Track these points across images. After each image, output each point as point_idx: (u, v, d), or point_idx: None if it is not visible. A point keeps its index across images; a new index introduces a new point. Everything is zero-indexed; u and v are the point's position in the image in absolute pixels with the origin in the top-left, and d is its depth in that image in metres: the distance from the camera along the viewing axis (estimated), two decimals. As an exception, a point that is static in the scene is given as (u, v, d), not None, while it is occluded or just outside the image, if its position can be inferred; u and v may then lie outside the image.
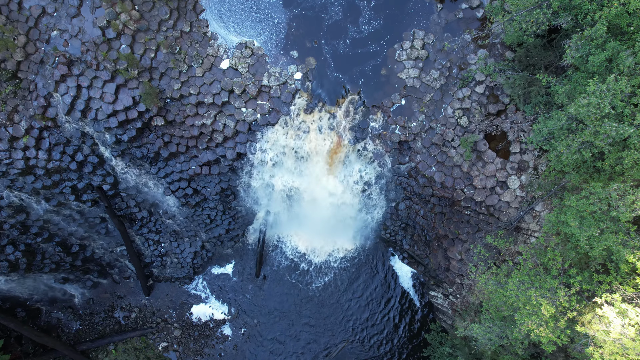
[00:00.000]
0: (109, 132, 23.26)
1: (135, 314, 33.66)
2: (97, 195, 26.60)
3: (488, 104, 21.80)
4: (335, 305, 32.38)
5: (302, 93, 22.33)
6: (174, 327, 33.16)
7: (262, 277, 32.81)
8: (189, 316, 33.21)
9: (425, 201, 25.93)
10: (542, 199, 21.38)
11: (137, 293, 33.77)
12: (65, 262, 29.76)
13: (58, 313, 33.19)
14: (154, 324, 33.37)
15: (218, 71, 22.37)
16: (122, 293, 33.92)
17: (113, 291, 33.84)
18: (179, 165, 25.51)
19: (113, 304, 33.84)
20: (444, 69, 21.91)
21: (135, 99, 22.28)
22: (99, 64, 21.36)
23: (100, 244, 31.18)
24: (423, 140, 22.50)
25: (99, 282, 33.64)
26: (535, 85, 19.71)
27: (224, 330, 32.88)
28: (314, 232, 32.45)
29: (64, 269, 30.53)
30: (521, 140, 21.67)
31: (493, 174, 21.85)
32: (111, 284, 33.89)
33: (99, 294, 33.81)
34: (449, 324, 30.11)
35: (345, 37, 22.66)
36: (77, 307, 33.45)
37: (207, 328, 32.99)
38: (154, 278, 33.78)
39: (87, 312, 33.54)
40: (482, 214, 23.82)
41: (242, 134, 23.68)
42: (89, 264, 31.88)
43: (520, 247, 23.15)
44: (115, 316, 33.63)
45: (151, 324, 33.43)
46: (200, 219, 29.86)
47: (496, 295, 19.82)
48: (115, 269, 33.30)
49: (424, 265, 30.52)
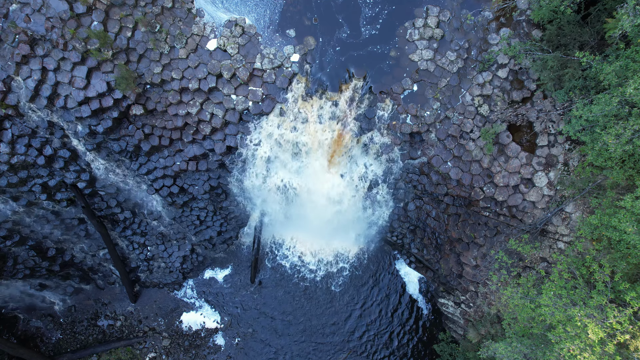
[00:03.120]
0: (81, 123, 21.59)
1: (121, 322, 32.50)
2: (73, 194, 24.57)
3: (512, 90, 20.35)
4: (337, 313, 31.71)
5: (300, 77, 21.01)
6: (162, 336, 32.04)
7: (257, 282, 32.03)
8: (178, 324, 32.21)
9: (437, 201, 24.53)
10: (574, 198, 19.92)
11: (123, 300, 32.72)
12: (41, 267, 28.19)
13: (37, 322, 31.99)
14: (141, 333, 32.23)
15: (204, 53, 20.95)
16: (106, 300, 32.91)
17: (97, 298, 32.84)
18: (163, 160, 24.03)
19: (97, 311, 32.71)
20: (462, 50, 20.52)
21: (110, 84, 20.64)
22: (67, 44, 19.50)
23: (81, 248, 29.74)
24: (438, 131, 21.12)
25: (81, 288, 32.42)
26: (569, 67, 17.56)
27: (216, 339, 31.94)
28: (313, 234, 31.75)
29: (40, 275, 29.03)
30: (549, 132, 20.29)
31: (517, 170, 20.53)
32: (95, 290, 32.81)
33: (81, 301, 32.63)
34: (460, 334, 28.86)
35: (349, 13, 21.34)
36: (58, 315, 32.34)
37: (198, 337, 32.01)
38: (141, 283, 32.75)
39: (69, 321, 32.41)
40: (502, 216, 22.33)
41: (232, 124, 22.30)
42: (69, 269, 30.41)
43: (546, 253, 21.17)
44: (99, 325, 32.50)
45: (138, 333, 32.30)
46: (189, 220, 28.68)
47: (523, 310, 17.75)
48: (99, 274, 32.06)
49: (434, 270, 29.41)
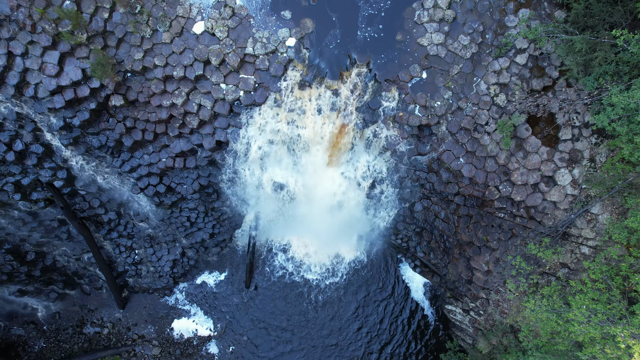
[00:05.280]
0: (54, 115, 19.86)
1: (108, 329, 31.26)
2: (50, 193, 22.69)
3: (532, 78, 18.68)
4: (336, 320, 30.44)
5: (297, 64, 19.39)
6: (152, 344, 30.83)
7: (253, 287, 30.78)
8: (169, 332, 31.01)
9: (447, 201, 22.77)
10: (601, 198, 18.02)
11: (111, 306, 31.33)
12: (19, 272, 26.49)
13: (18, 329, 30.57)
14: (130, 341, 31.02)
15: (190, 37, 19.33)
16: (93, 306, 31.52)
17: (83, 304, 31.39)
18: (147, 156, 22.32)
19: (82, 318, 31.32)
20: (476, 34, 18.92)
21: (85, 71, 18.87)
22: (35, 25, 17.72)
23: (63, 251, 28.07)
24: (449, 124, 19.45)
25: (66, 293, 30.83)
26: (599, 50, 15.63)
27: (209, 348, 30.70)
28: (312, 237, 30.47)
29: (20, 281, 27.35)
30: (573, 124, 18.50)
31: (537, 167, 18.90)
32: (80, 296, 31.32)
33: (66, 307, 31.24)
34: (469, 343, 27.39)
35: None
36: (41, 322, 30.91)
37: (190, 346, 30.82)
38: (130, 289, 31.22)
39: (53, 328, 31.03)
40: (519, 217, 20.57)
41: (222, 117, 20.56)
42: (51, 274, 28.81)
43: (567, 259, 19.30)
44: (85, 332, 31.12)
45: (126, 341, 31.09)
46: (179, 222, 26.99)
47: (548, 324, 15.86)
48: (85, 278, 30.41)
49: (441, 275, 27.75)
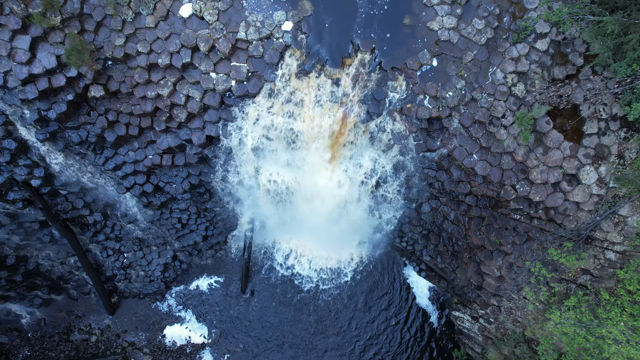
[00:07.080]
0: (27, 106, 18.31)
1: (97, 336, 30.35)
2: (28, 193, 21.12)
3: (553, 65, 17.24)
4: (336, 327, 29.45)
5: (294, 50, 17.96)
6: (143, 352, 30.07)
7: (249, 292, 29.81)
8: (161, 339, 30.17)
9: (457, 202, 21.39)
10: (631, 199, 16.55)
11: (99, 311, 30.28)
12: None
13: (1, 337, 29.51)
14: (119, 349, 30.15)
15: (177, 20, 17.88)
16: (80, 312, 30.48)
17: (70, 309, 30.41)
18: (132, 153, 20.92)
19: (69, 324, 30.35)
20: (491, 18, 17.54)
21: (60, 59, 17.34)
22: (2, 5, 16.31)
23: (47, 254, 26.77)
24: (462, 116, 18.06)
25: (52, 299, 29.57)
26: (634, 32, 14.06)
27: (203, 356, 29.82)
28: (311, 239, 29.45)
29: (0, 286, 26.07)
30: (600, 117, 17.08)
31: (558, 164, 17.49)
32: (67, 301, 30.25)
33: (52, 313, 30.12)
34: (478, 352, 26.34)
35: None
36: (25, 329, 29.86)
37: (183, 353, 29.95)
38: (119, 294, 30.10)
39: (38, 335, 30.03)
40: (536, 219, 19.16)
41: (213, 109, 19.13)
42: (34, 279, 27.45)
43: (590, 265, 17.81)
44: (72, 340, 30.15)
45: (116, 348, 30.21)
46: (169, 224, 25.69)
47: (575, 339, 14.26)
48: (71, 283, 29.14)
49: (448, 280, 26.54)
